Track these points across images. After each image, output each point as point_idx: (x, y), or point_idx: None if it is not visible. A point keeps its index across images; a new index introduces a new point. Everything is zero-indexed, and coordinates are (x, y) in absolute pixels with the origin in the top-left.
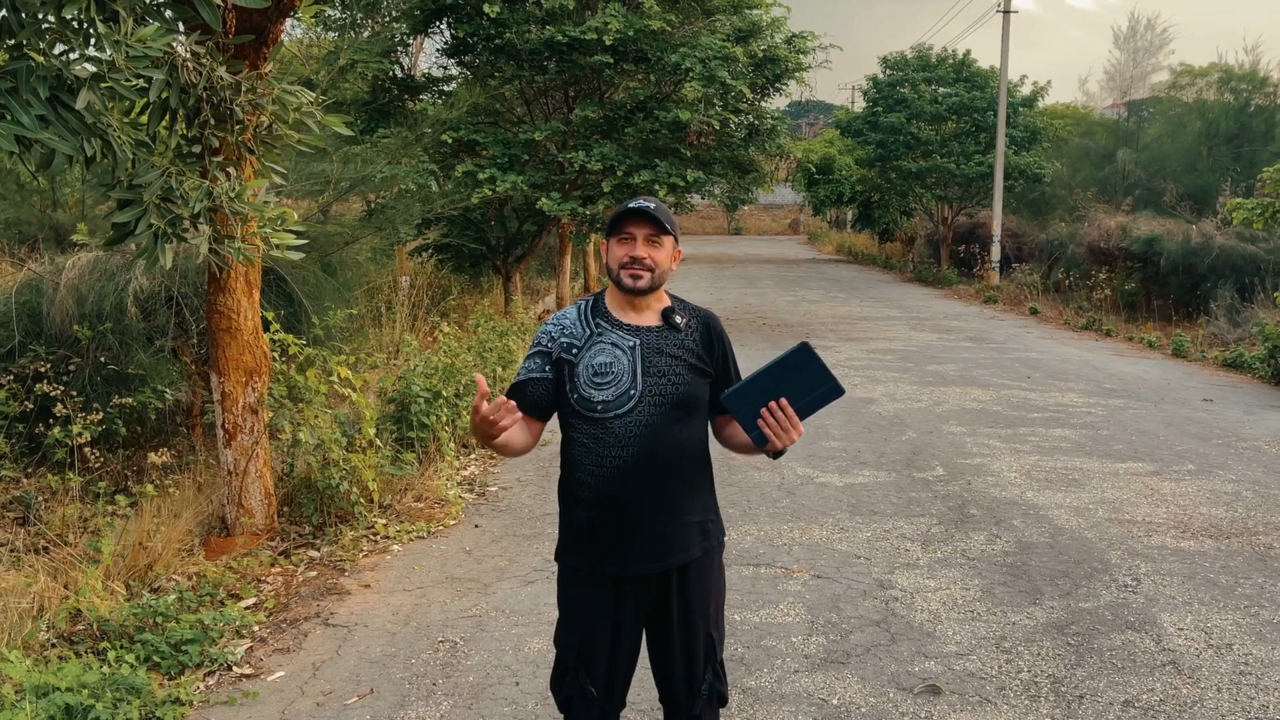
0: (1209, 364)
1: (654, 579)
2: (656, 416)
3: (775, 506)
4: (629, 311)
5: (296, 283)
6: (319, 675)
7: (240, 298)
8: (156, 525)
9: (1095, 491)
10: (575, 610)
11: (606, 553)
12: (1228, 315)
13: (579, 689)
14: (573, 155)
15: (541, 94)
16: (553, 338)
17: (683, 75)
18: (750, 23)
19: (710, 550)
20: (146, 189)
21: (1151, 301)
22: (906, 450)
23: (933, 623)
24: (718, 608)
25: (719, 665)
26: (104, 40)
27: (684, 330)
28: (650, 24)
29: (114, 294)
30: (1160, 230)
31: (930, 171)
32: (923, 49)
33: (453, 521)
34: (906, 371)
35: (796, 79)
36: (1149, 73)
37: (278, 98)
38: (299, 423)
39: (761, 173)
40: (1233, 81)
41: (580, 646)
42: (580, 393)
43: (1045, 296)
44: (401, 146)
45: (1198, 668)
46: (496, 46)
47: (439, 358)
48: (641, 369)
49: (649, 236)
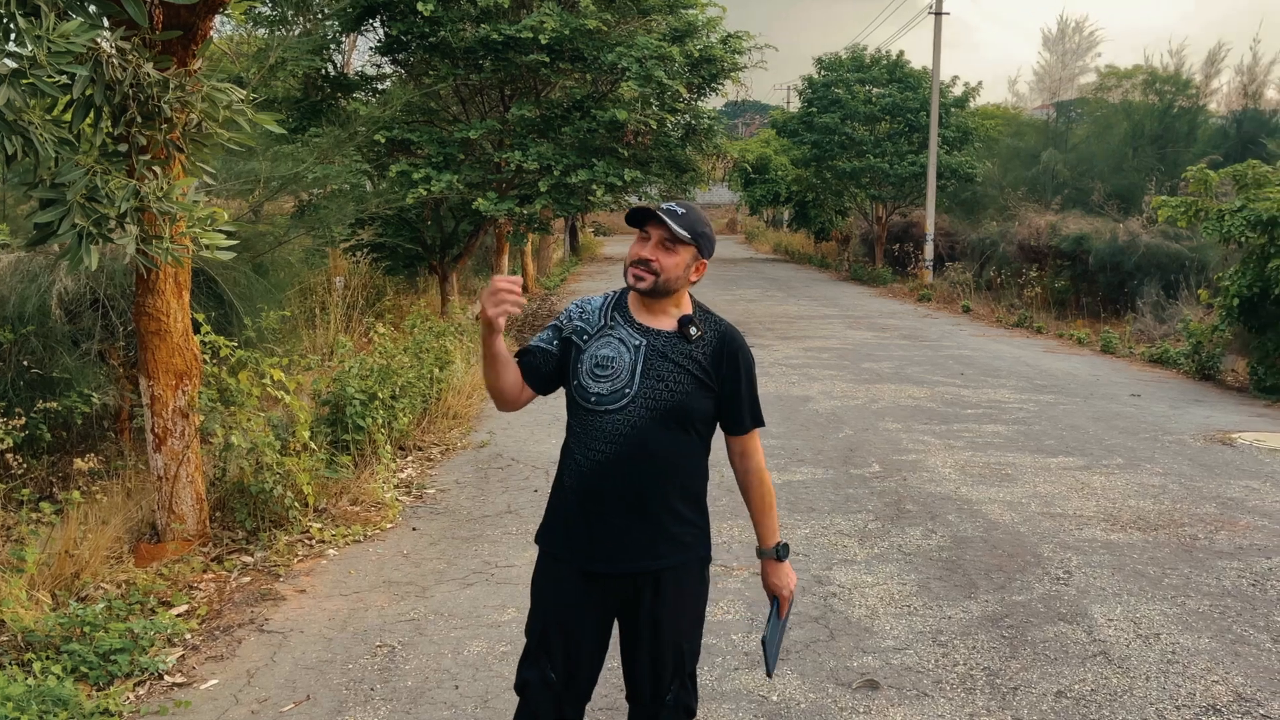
0: (1136, 360)
1: (623, 580)
2: (646, 420)
3: (715, 505)
4: (644, 312)
5: (227, 284)
6: (254, 683)
7: (169, 299)
8: (84, 532)
9: (1027, 486)
10: (542, 596)
11: (577, 544)
12: (1154, 312)
13: (538, 673)
14: (509, 155)
15: (477, 93)
16: (570, 317)
17: (619, 75)
18: (686, 22)
19: (686, 563)
20: (70, 188)
21: (1081, 299)
22: (843, 447)
23: (870, 618)
24: (693, 622)
25: (689, 678)
26: (24, 35)
27: (695, 342)
28: (586, 23)
29: (37, 296)
30: (1089, 229)
31: (864, 171)
32: (857, 50)
33: (390, 525)
34: (843, 369)
35: (732, 79)
36: (1077, 74)
37: (207, 95)
38: (231, 426)
39: (698, 172)
40: (1157, 83)
41: (544, 632)
42: (579, 380)
43: (978, 294)
44: (334, 145)
45: (1127, 657)
46: (431, 45)
47: (374, 359)
48: (641, 370)
49: (664, 240)
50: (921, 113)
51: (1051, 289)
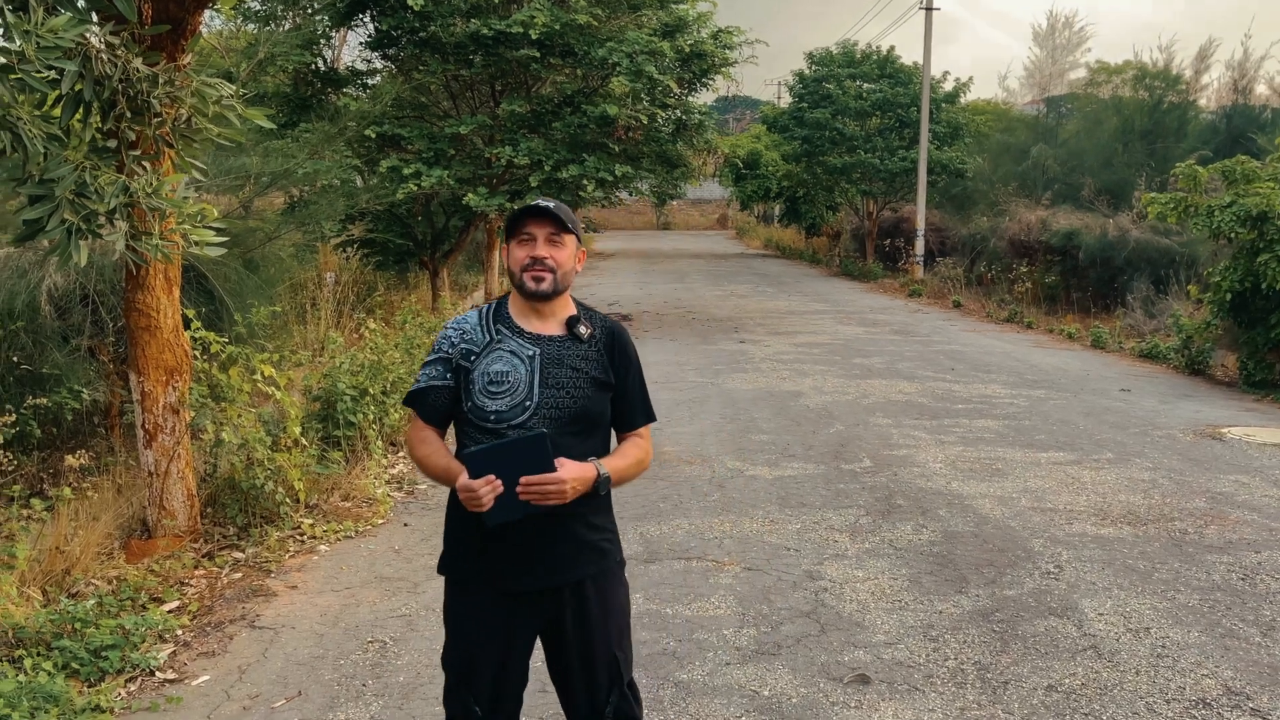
0: (1126, 355)
1: (546, 595)
2: (552, 430)
3: (706, 500)
4: (532, 318)
5: (218, 279)
6: (245, 678)
7: (159, 295)
8: (74, 529)
9: (1018, 481)
10: (462, 626)
11: (498, 567)
12: (1144, 307)
13: (463, 708)
14: (500, 150)
15: (467, 88)
16: (453, 343)
17: (610, 70)
18: (677, 18)
19: (608, 569)
20: (59, 184)
21: (1071, 294)
22: (834, 442)
23: (861, 613)
24: (621, 628)
25: (627, 687)
26: (13, 30)
27: (588, 341)
28: (577, 18)
29: (26, 292)
30: (1079, 224)
31: (855, 167)
32: (848, 45)
33: (381, 520)
34: (833, 365)
35: (723, 74)
36: (1067, 70)
37: (196, 90)
38: (222, 422)
39: (689, 168)
40: (1147, 79)
41: (466, 665)
42: (474, 400)
43: (968, 290)
44: (324, 141)
45: (1117, 651)
46: (421, 40)
47: (365, 355)
48: (539, 380)
49: (550, 236)
50: (912, 108)
51: (1042, 284)
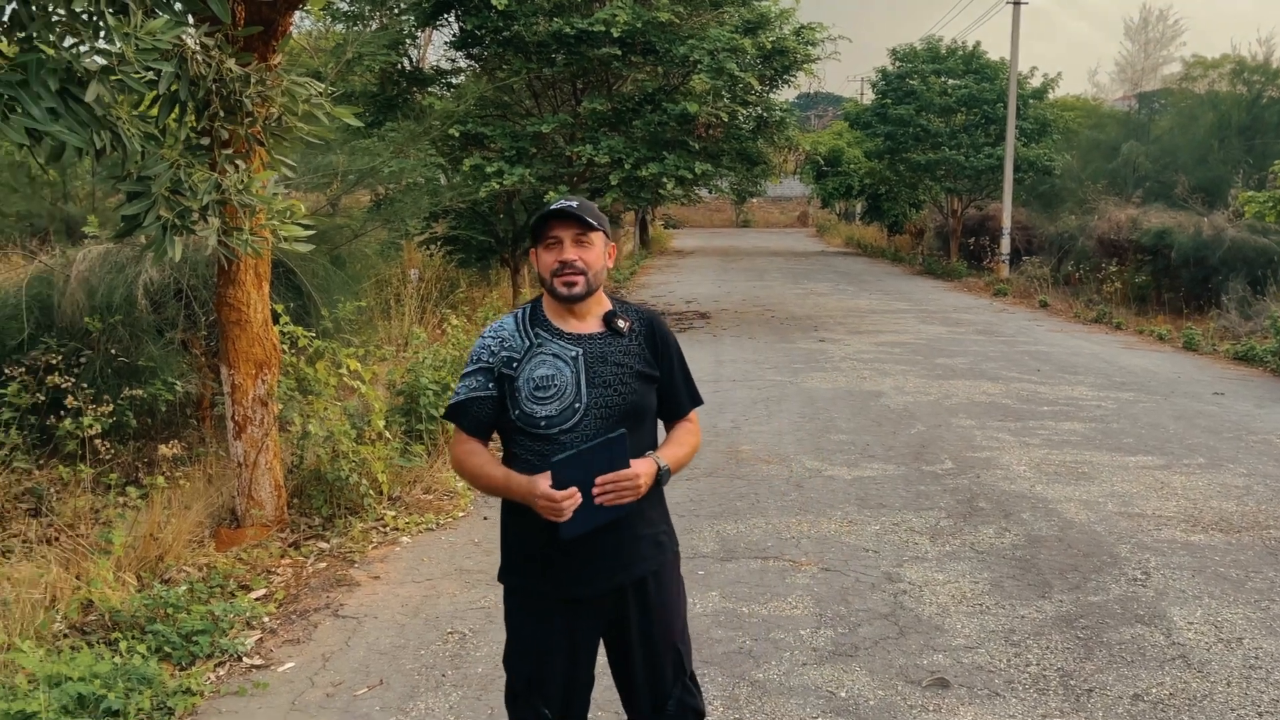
0: (1220, 357)
1: (609, 597)
2: (604, 429)
3: (783, 500)
4: (569, 319)
5: (306, 275)
6: (329, 666)
7: (249, 290)
8: (167, 517)
9: (1105, 485)
10: (526, 634)
11: (558, 574)
12: (1239, 308)
13: (533, 713)
14: (580, 148)
15: (549, 86)
16: (493, 352)
17: (691, 67)
18: (759, 14)
19: (665, 563)
20: (155, 181)
21: (1162, 294)
22: (915, 443)
23: (941, 616)
24: (681, 620)
25: (689, 679)
26: (113, 33)
27: (628, 335)
28: (658, 16)
29: (124, 286)
30: (1171, 223)
31: (940, 164)
32: (932, 41)
33: (461, 514)
34: (915, 364)
35: (805, 71)
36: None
37: (287, 90)
38: (308, 415)
39: (770, 165)
40: (1245, 73)
41: (533, 672)
42: (522, 408)
43: (1055, 289)
44: (409, 139)
45: (1207, 661)
46: (504, 39)
47: (447, 350)
48: (586, 380)
49: (577, 237)
50: (999, 104)
51: (1132, 284)
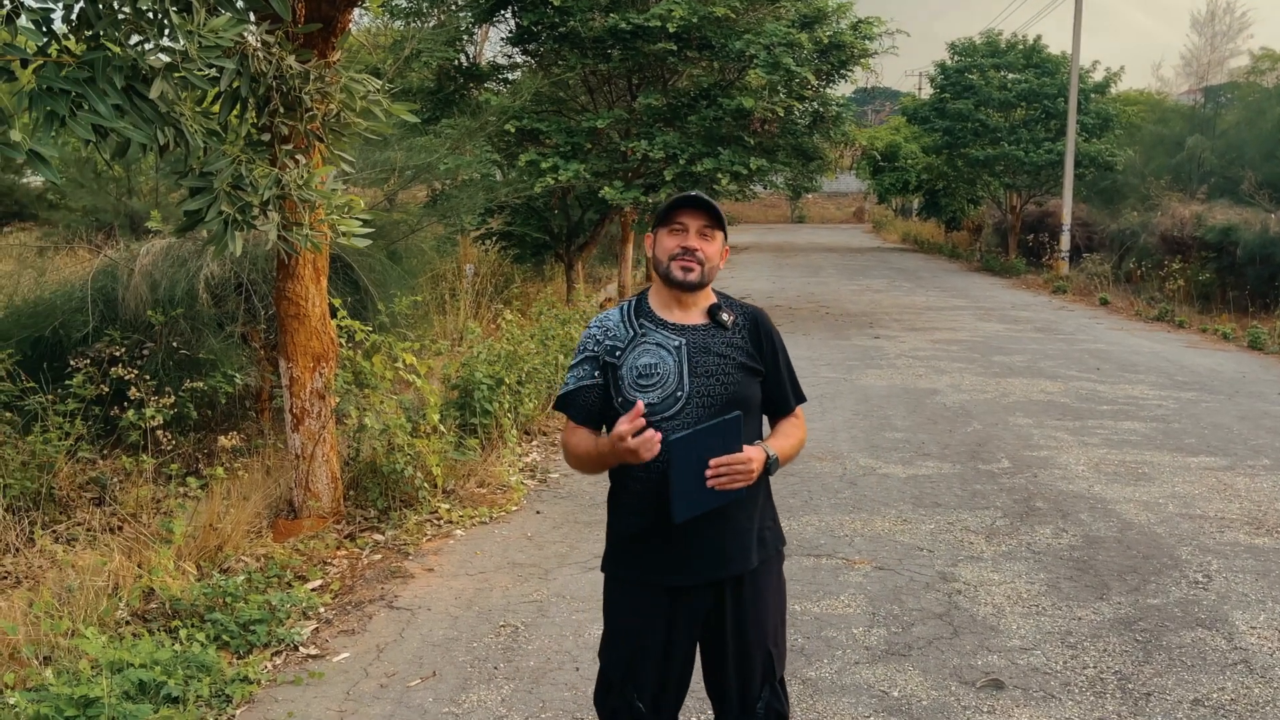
0: None
1: (709, 590)
2: (706, 418)
3: (837, 497)
4: (674, 309)
5: (363, 270)
6: (383, 657)
7: (308, 284)
8: (226, 507)
9: (1165, 486)
10: (624, 623)
11: (660, 562)
12: None
13: (626, 705)
14: (635, 144)
15: (605, 82)
16: (598, 341)
17: (747, 62)
18: (815, 9)
19: (768, 560)
20: (217, 176)
21: (1226, 293)
22: (971, 442)
23: (996, 616)
24: (778, 623)
25: (778, 684)
26: (177, 31)
27: (732, 328)
28: (714, 10)
29: (186, 280)
30: (1237, 219)
31: (998, 159)
32: (992, 35)
33: (515, 507)
34: (972, 362)
35: (862, 65)
36: (1227, 58)
37: (345, 86)
38: (365, 408)
39: (826, 160)
40: None
41: (629, 661)
42: (625, 396)
43: (1116, 287)
44: (465, 135)
45: (1271, 667)
46: (560, 34)
47: (502, 345)
48: (689, 369)
49: (703, 229)
50: (1059, 99)
51: (1195, 282)
